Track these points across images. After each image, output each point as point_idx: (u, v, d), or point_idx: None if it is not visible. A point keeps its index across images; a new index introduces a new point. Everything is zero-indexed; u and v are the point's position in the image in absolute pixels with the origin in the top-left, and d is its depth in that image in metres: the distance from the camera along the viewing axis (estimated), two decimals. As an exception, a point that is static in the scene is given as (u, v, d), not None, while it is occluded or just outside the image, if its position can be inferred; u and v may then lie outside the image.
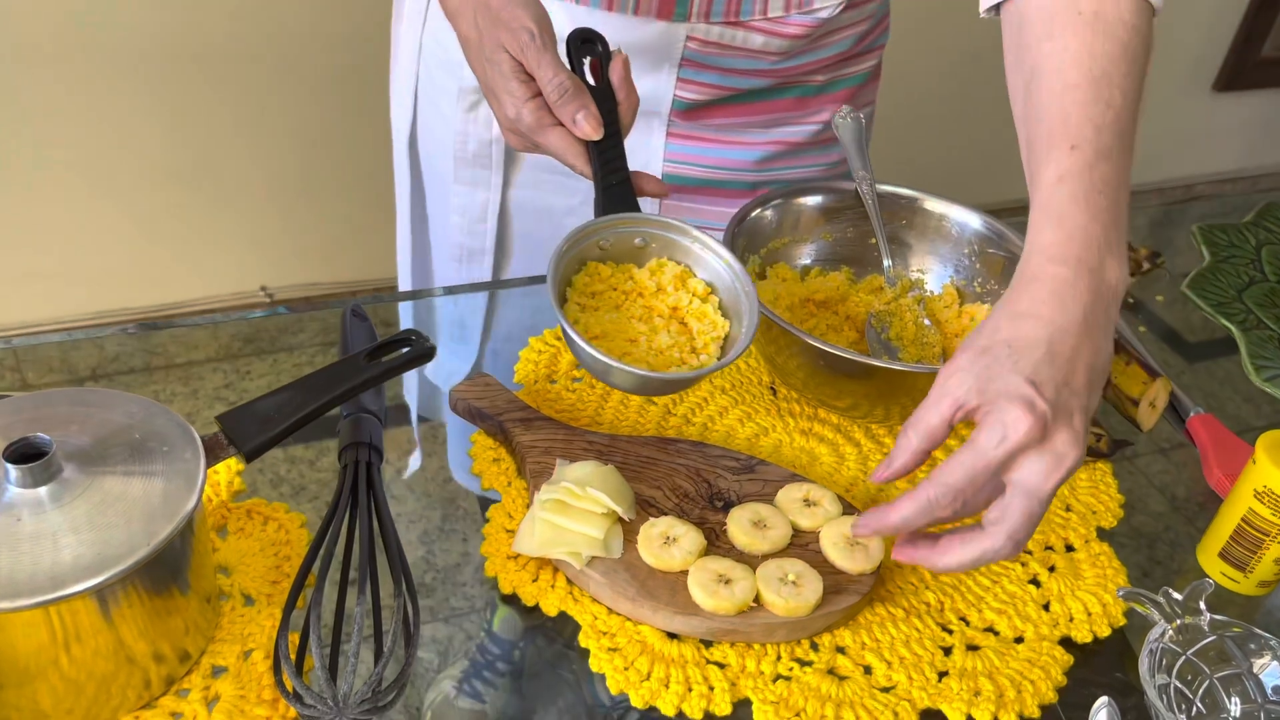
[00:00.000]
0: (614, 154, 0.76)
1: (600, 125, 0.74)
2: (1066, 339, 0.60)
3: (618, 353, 0.72)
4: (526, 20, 0.74)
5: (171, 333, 0.88)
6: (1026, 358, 0.59)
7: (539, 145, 0.77)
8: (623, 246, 0.77)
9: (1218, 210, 1.23)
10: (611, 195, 0.76)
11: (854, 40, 0.96)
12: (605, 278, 0.76)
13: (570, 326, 0.70)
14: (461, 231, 1.03)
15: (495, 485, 0.75)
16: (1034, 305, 0.61)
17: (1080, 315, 0.61)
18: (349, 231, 2.17)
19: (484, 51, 0.75)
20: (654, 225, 0.77)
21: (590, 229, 0.75)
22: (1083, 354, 0.60)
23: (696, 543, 0.68)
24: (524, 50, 0.73)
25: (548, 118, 0.75)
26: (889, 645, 0.68)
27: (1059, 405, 0.59)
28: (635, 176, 0.77)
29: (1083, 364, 0.60)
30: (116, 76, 1.89)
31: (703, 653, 0.66)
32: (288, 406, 0.65)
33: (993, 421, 0.59)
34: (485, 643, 0.68)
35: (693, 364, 0.73)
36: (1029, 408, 0.58)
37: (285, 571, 0.68)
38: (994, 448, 0.58)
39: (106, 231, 2.04)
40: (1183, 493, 0.84)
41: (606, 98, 0.76)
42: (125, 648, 0.58)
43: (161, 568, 0.58)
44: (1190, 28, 2.75)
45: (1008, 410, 0.58)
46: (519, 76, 0.74)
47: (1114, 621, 0.71)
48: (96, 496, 0.57)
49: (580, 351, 0.70)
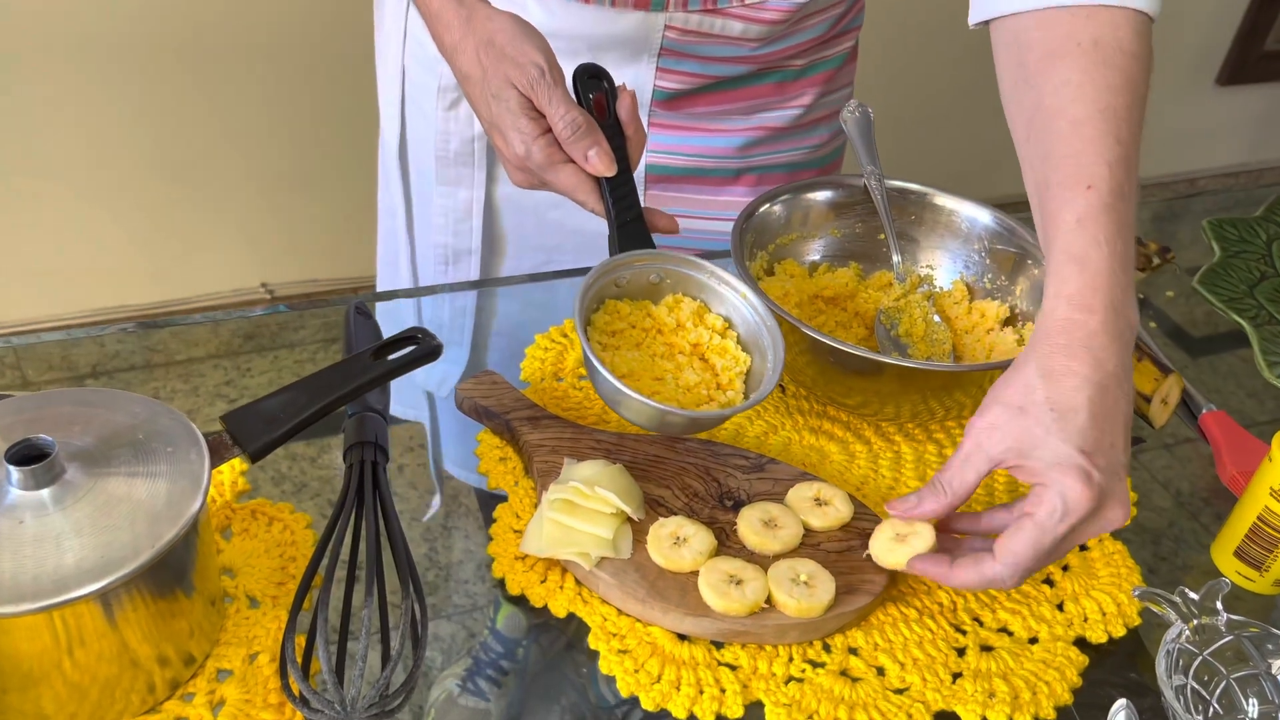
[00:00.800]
0: (625, 190, 0.76)
1: (613, 162, 0.74)
2: (1105, 396, 0.60)
3: (647, 393, 0.71)
4: (535, 56, 0.73)
5: (172, 330, 0.88)
6: (1071, 423, 0.60)
7: (548, 183, 0.76)
8: (639, 283, 0.77)
9: (1223, 205, 1.22)
10: (626, 232, 0.76)
11: (831, 23, 0.96)
12: (625, 315, 0.76)
13: (609, 372, 0.68)
14: (445, 232, 1.02)
15: (502, 484, 0.75)
16: (1069, 361, 0.61)
17: (1114, 367, 0.61)
18: (350, 228, 2.16)
19: (489, 88, 0.74)
20: (670, 261, 0.77)
21: (609, 267, 0.75)
22: (1120, 408, 0.61)
23: (707, 543, 0.68)
24: (534, 86, 0.73)
25: (558, 155, 0.74)
26: (902, 646, 0.67)
27: (1109, 471, 0.60)
28: (647, 213, 0.77)
29: (1121, 419, 0.61)
30: (117, 73, 1.88)
31: (714, 654, 0.65)
32: (293, 406, 0.64)
33: (1052, 496, 0.60)
34: (489, 640, 0.68)
35: (721, 400, 0.73)
36: (1086, 480, 0.59)
37: (290, 573, 0.68)
38: (1057, 523, 0.60)
39: (106, 228, 2.04)
40: (1195, 490, 0.83)
41: (615, 134, 0.76)
42: (129, 651, 0.57)
43: (166, 570, 0.57)
44: (1193, 21, 2.74)
45: (1064, 484, 0.59)
46: (528, 113, 0.74)
47: (1129, 621, 0.70)
48: (100, 498, 0.56)
49: (620, 396, 0.68)
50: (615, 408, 0.70)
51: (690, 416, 0.68)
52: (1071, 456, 0.59)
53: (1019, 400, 0.61)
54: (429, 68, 0.96)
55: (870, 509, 0.73)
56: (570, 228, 1.00)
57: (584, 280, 0.73)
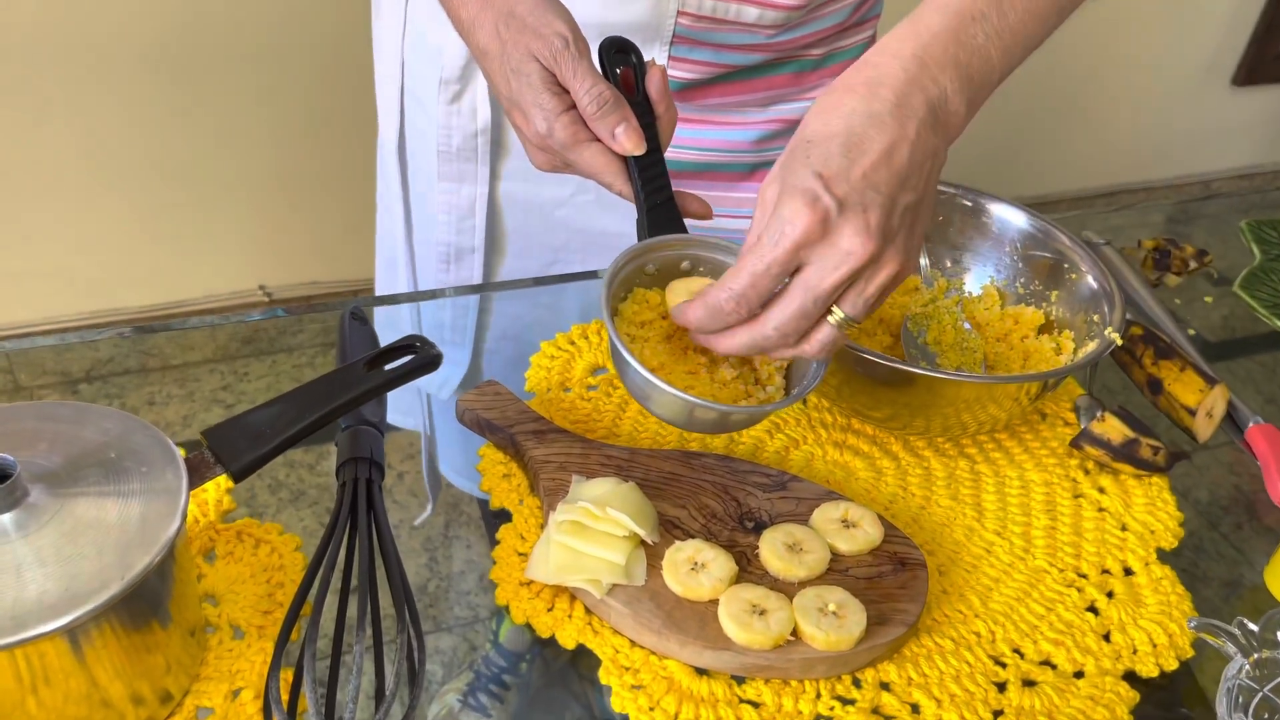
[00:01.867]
0: (656, 171, 0.70)
1: (642, 139, 0.69)
2: (868, 128, 0.56)
3: (680, 386, 0.65)
4: (560, 26, 0.68)
5: (167, 334, 0.85)
6: (818, 150, 0.56)
7: (571, 164, 0.71)
8: (669, 270, 0.71)
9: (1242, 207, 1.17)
10: (656, 215, 0.70)
11: (849, 11, 0.92)
12: (654, 305, 0.70)
13: (641, 366, 0.63)
14: (448, 230, 0.98)
15: (506, 503, 0.70)
16: (842, 95, 0.58)
17: (891, 103, 0.57)
18: (348, 229, 2.12)
19: (509, 62, 0.69)
20: (703, 246, 0.71)
21: (637, 252, 0.69)
22: (892, 148, 0.56)
23: (727, 569, 0.63)
24: (557, 59, 0.68)
25: (583, 133, 0.69)
26: (938, 681, 0.62)
27: (849, 200, 0.55)
28: (678, 195, 0.72)
29: (886, 157, 0.56)
30: (111, 74, 1.85)
31: (735, 690, 0.60)
32: (280, 421, 0.59)
33: (773, 219, 0.56)
34: (491, 654, 0.64)
35: (760, 397, 0.67)
36: (810, 202, 0.55)
37: (278, 600, 0.63)
38: (772, 247, 0.56)
39: (102, 230, 2.01)
40: (1243, 508, 0.78)
41: (644, 111, 0.70)
42: (99, 690, 0.53)
43: (139, 601, 0.52)
44: (1209, 22, 2.70)
45: (786, 205, 0.56)
46: (551, 88, 0.69)
47: (1181, 653, 0.65)
48: (67, 523, 0.51)
49: (652, 390, 0.63)
50: (644, 402, 0.66)
51: (723, 411, 0.64)
52: (804, 179, 0.55)
53: (792, 143, 0.58)
54: (430, 59, 0.92)
55: (902, 531, 0.68)
56: (576, 226, 0.96)
57: (610, 266, 0.67)
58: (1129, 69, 2.66)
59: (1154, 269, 1.00)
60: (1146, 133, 2.83)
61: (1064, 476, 0.76)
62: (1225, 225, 1.11)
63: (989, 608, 0.67)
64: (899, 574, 0.65)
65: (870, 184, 0.56)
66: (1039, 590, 0.68)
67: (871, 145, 0.56)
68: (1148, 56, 2.67)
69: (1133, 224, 1.19)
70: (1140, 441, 0.75)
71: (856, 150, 0.56)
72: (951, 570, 0.69)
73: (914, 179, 0.57)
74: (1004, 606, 0.67)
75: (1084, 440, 0.75)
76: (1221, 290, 1.00)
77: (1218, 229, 1.11)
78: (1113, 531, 0.73)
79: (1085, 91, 2.63)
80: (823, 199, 0.55)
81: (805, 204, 0.55)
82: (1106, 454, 0.75)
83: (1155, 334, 0.86)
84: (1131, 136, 2.81)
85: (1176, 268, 0.99)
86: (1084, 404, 0.81)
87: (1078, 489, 0.76)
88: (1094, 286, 0.78)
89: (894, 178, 0.56)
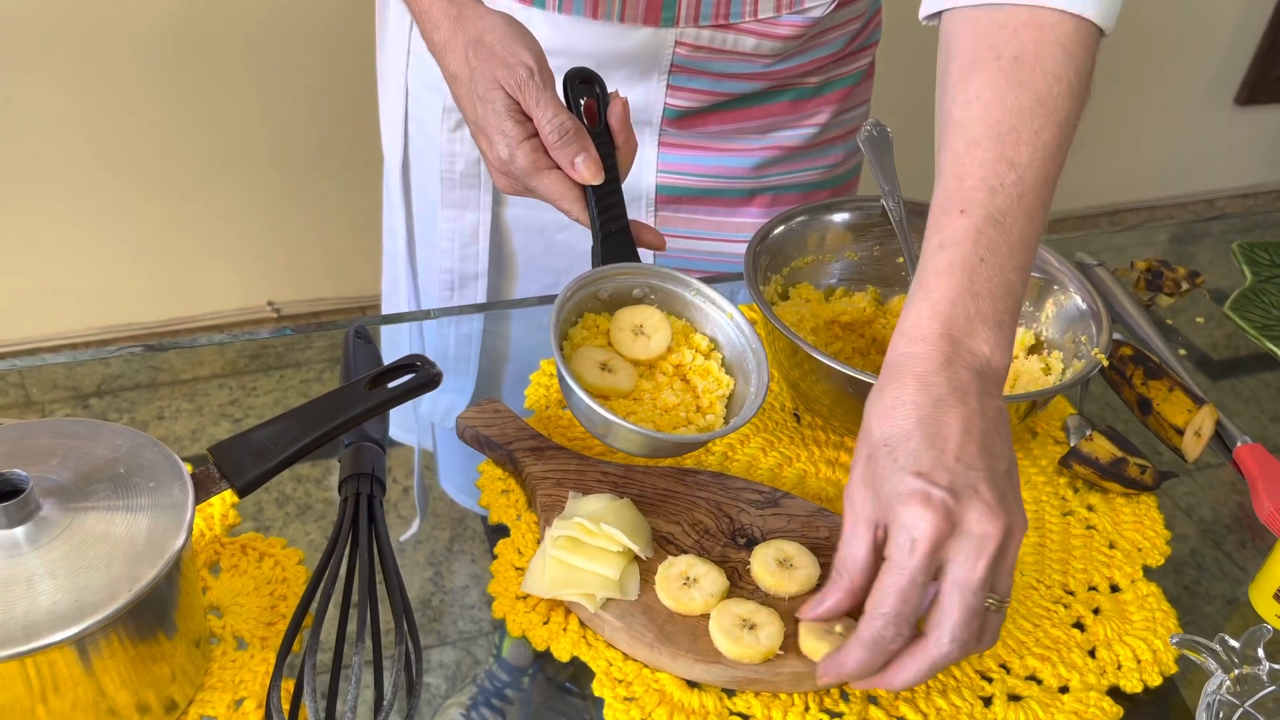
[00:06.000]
0: (613, 200, 0.73)
1: (601, 169, 0.71)
2: (941, 415, 0.56)
3: (622, 411, 0.68)
4: (525, 57, 0.70)
5: (177, 349, 0.87)
6: (902, 450, 0.56)
7: (532, 189, 0.73)
8: (621, 298, 0.74)
9: (1244, 227, 1.18)
10: (611, 244, 0.73)
11: (846, 39, 0.93)
12: (604, 330, 0.73)
13: (575, 382, 0.66)
14: (452, 257, 0.99)
15: (504, 519, 0.71)
16: (897, 393, 0.57)
17: (946, 388, 0.57)
18: (357, 246, 2.14)
19: (476, 88, 0.72)
20: (655, 276, 0.74)
21: (590, 279, 0.72)
22: (967, 426, 0.56)
23: (718, 584, 0.64)
24: (522, 88, 0.70)
25: (543, 160, 0.71)
26: (924, 695, 0.63)
27: (957, 486, 0.54)
28: (634, 226, 0.74)
29: (967, 435, 0.56)
30: (121, 90, 1.87)
31: (725, 703, 0.62)
32: (284, 438, 0.61)
33: (896, 531, 0.55)
34: (494, 669, 0.65)
35: (700, 424, 0.70)
36: (925, 501, 0.54)
37: (281, 612, 0.64)
38: (908, 557, 0.54)
39: (111, 247, 2.02)
40: (1229, 527, 0.80)
41: (604, 141, 0.73)
42: (106, 699, 0.54)
43: (146, 612, 0.54)
44: (1212, 41, 2.71)
45: (904, 514, 0.54)
46: (514, 116, 0.71)
47: (1165, 669, 0.66)
48: (77, 537, 0.53)
49: (582, 408, 0.66)
50: (584, 425, 0.68)
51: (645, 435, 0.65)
52: (906, 483, 0.55)
53: (866, 451, 0.57)
54: (434, 87, 0.94)
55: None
56: (580, 250, 0.97)
57: (562, 291, 0.70)
58: (1132, 89, 2.67)
59: (1146, 290, 1.01)
60: (1149, 152, 2.84)
61: (1053, 494, 0.78)
62: (1227, 246, 1.12)
63: (976, 623, 0.68)
64: None
65: (967, 465, 0.55)
66: (1026, 606, 0.69)
67: (949, 430, 0.56)
68: (1151, 76, 2.68)
69: (1135, 244, 1.20)
70: (1128, 461, 0.76)
71: (939, 439, 0.56)
72: (940, 586, 0.70)
73: (997, 444, 0.57)
74: (991, 622, 0.68)
75: (1073, 459, 0.77)
76: (1214, 311, 1.02)
77: (1219, 249, 1.13)
78: (1100, 549, 0.74)
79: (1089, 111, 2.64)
80: (935, 493, 0.54)
81: (921, 504, 0.54)
82: (1095, 473, 0.76)
83: (1145, 354, 0.87)
84: (1135, 156, 2.82)
85: (1168, 289, 1.00)
86: (1073, 423, 0.82)
87: (1066, 506, 0.77)
88: (1082, 307, 0.80)
89: (983, 451, 0.56)
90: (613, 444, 0.68)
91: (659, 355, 0.72)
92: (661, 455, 0.71)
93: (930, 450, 0.55)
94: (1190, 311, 1.02)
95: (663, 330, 0.72)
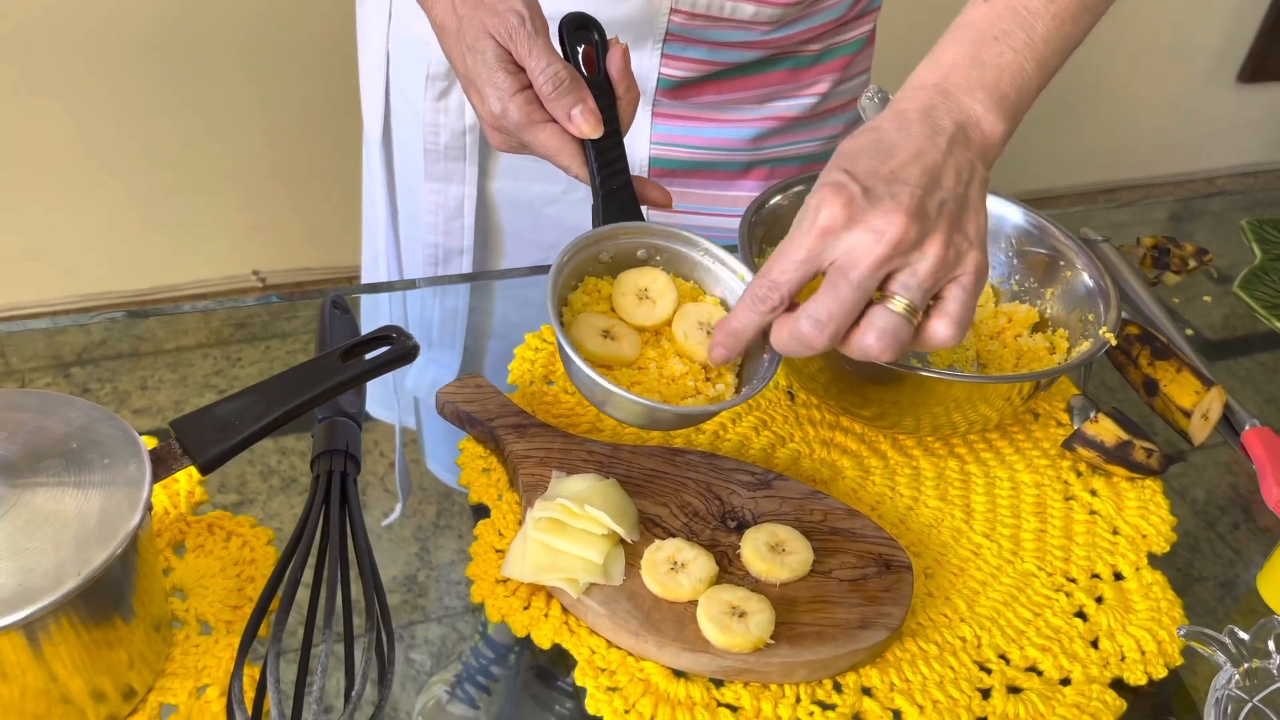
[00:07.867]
0: (614, 155, 0.68)
1: (600, 121, 0.67)
2: (898, 138, 0.58)
3: (625, 381, 0.64)
4: (515, 3, 0.66)
5: (160, 317, 0.84)
6: (848, 156, 0.58)
7: (527, 144, 0.69)
8: (625, 260, 0.69)
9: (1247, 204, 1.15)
10: (612, 202, 0.68)
11: (848, 4, 0.90)
12: (606, 295, 0.68)
13: (573, 350, 0.62)
14: (435, 231, 0.95)
15: (484, 499, 0.68)
16: (873, 124, 0.60)
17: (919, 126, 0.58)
18: (342, 215, 2.11)
19: (465, 39, 0.68)
20: (660, 236, 0.69)
21: (590, 239, 0.67)
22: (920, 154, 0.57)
23: (707, 569, 0.61)
24: (512, 36, 0.66)
25: (538, 113, 0.67)
26: (920, 686, 0.61)
27: (877, 190, 0.56)
28: (637, 182, 0.70)
29: (915, 160, 0.57)
30: (105, 61, 1.84)
31: (713, 694, 0.59)
32: (250, 413, 0.58)
33: (801, 209, 0.58)
34: (479, 645, 0.63)
35: (709, 394, 0.65)
36: (836, 188, 0.56)
37: (248, 595, 0.61)
38: (804, 232, 0.57)
39: (95, 215, 2.00)
40: (1238, 512, 0.77)
41: (604, 92, 0.68)
42: (59, 686, 0.51)
43: (100, 595, 0.51)
44: (1215, 18, 2.68)
45: (814, 195, 0.57)
46: (506, 67, 0.67)
47: (1170, 661, 0.64)
48: (23, 516, 0.50)
49: (582, 377, 0.62)
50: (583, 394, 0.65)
51: (646, 405, 0.61)
52: (832, 174, 0.57)
53: None
54: (417, 53, 0.90)
55: (888, 532, 0.67)
56: (570, 225, 0.94)
57: (560, 253, 0.65)
58: (1134, 64, 2.63)
59: (1153, 267, 0.98)
60: (1151, 128, 2.81)
61: (1055, 478, 0.75)
62: (1228, 223, 1.09)
63: (975, 612, 0.65)
64: (884, 576, 0.63)
65: (899, 178, 0.56)
66: (1026, 595, 0.67)
67: (899, 150, 0.58)
68: (1153, 52, 2.65)
69: (1135, 221, 1.17)
70: (1133, 444, 0.73)
71: (885, 154, 0.57)
72: (938, 573, 0.67)
73: (947, 180, 0.58)
74: (990, 611, 0.65)
75: (1076, 441, 0.74)
76: (1221, 289, 0.99)
77: (1220, 227, 1.10)
78: (1103, 535, 0.71)
79: (1090, 87, 2.61)
80: (849, 186, 0.56)
81: (831, 191, 0.56)
82: (1099, 456, 0.73)
83: (1152, 334, 0.84)
84: (1136, 132, 2.79)
85: (1175, 266, 0.97)
86: (1078, 404, 0.79)
87: (1069, 491, 0.74)
88: (1089, 284, 0.77)
89: (924, 174, 0.57)
90: (613, 415, 0.64)
91: (665, 320, 0.68)
92: (664, 428, 0.67)
93: (871, 159, 0.57)
94: (1194, 290, 0.99)
95: (669, 294, 0.68)
